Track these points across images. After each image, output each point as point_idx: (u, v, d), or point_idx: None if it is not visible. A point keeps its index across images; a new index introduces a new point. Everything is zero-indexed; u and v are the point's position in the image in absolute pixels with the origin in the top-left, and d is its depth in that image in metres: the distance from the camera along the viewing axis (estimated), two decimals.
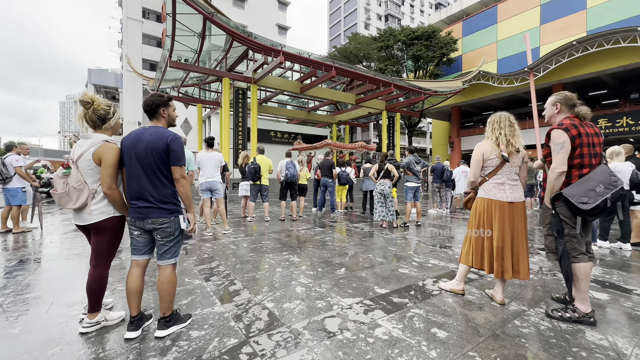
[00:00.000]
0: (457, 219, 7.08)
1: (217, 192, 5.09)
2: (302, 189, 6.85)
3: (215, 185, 5.02)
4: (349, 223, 6.28)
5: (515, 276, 2.29)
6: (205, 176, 4.97)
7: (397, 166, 7.31)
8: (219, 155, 5.07)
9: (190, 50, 11.97)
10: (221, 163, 5.10)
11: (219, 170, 5.08)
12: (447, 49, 23.44)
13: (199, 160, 5.01)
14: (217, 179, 5.03)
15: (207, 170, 4.97)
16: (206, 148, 5.11)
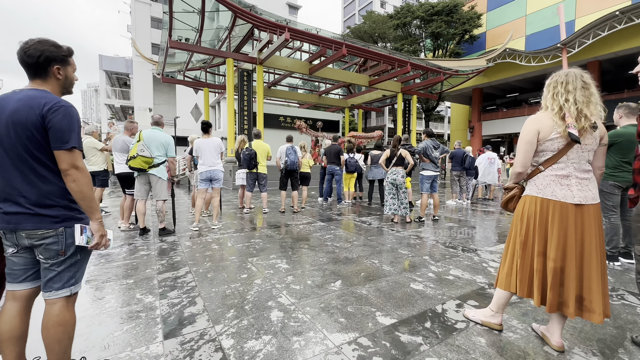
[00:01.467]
0: (479, 212, 6.24)
1: (217, 182, 4.52)
2: (305, 177, 6.17)
3: (216, 174, 4.47)
4: (355, 216, 5.58)
5: (585, 315, 1.55)
6: (206, 165, 4.42)
7: (411, 152, 6.50)
8: (217, 140, 4.48)
9: (191, 29, 11.27)
10: (221, 149, 4.51)
11: (219, 156, 4.49)
12: (469, 25, 21.64)
13: (197, 148, 4.44)
14: (218, 167, 4.47)
15: (207, 157, 4.40)
16: (203, 134, 4.51)
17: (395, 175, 4.92)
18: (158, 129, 4.02)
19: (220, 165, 4.50)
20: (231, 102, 12.02)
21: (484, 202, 7.80)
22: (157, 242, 3.69)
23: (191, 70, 16.55)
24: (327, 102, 20.91)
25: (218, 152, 4.47)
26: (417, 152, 4.99)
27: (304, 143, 6.21)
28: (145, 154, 3.77)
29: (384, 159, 5.04)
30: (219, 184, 4.51)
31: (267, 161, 5.85)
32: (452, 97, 28.99)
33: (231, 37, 13.47)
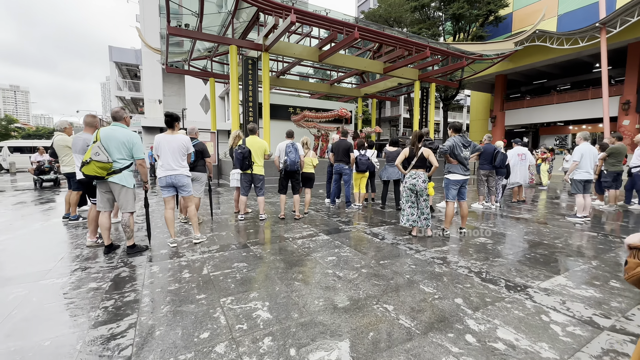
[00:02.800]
0: (513, 220, 5.28)
1: (183, 189, 3.75)
2: (308, 179, 5.37)
3: (180, 180, 3.67)
4: (366, 225, 4.76)
5: None
6: (164, 167, 3.63)
7: (434, 149, 5.57)
8: (182, 138, 3.67)
9: (191, 14, 10.49)
10: (187, 149, 3.72)
11: (184, 158, 3.72)
12: (495, 5, 19.87)
13: (156, 146, 3.67)
14: (181, 172, 3.68)
15: (166, 159, 3.61)
16: (167, 129, 3.73)
17: (415, 179, 4.05)
18: (119, 125, 3.29)
19: (185, 169, 3.72)
20: (235, 93, 11.27)
21: (517, 206, 6.79)
22: (119, 266, 3.01)
23: (197, 60, 15.88)
24: (339, 91, 19.85)
25: (182, 153, 3.65)
26: (442, 152, 4.07)
27: (306, 139, 5.39)
28: (101, 158, 3.06)
29: (402, 160, 4.16)
30: (187, 191, 3.75)
31: (264, 160, 5.08)
32: (473, 85, 27.24)
33: (235, 22, 12.64)
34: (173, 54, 14.70)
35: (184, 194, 3.75)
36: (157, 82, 25.87)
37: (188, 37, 10.38)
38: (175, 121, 3.69)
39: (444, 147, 4.05)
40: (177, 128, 3.73)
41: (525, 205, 6.90)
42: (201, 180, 4.65)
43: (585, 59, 21.93)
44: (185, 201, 3.81)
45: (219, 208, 6.15)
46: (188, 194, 3.77)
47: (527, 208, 6.49)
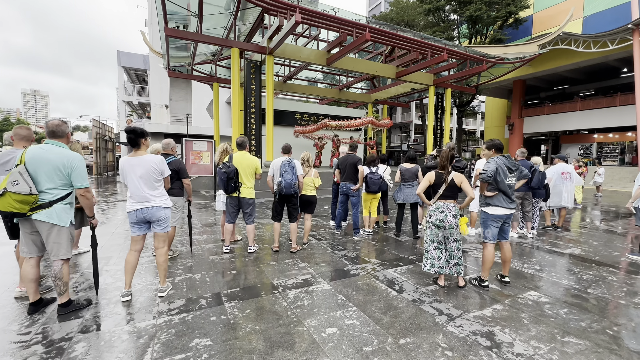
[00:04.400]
0: (561, 258, 4.25)
1: (159, 224, 2.87)
2: (308, 203, 4.48)
3: (155, 213, 2.81)
4: (378, 264, 3.83)
5: None
6: (133, 199, 2.79)
7: (462, 169, 4.62)
8: (152, 160, 2.82)
9: (190, 15, 9.84)
10: (161, 173, 2.88)
11: (159, 184, 2.89)
12: (515, 6, 18.77)
13: (121, 173, 2.83)
14: (157, 202, 2.82)
15: (135, 188, 2.77)
16: (131, 149, 2.89)
17: (445, 213, 3.10)
18: (55, 144, 2.47)
19: (162, 199, 2.88)
20: (236, 98, 10.53)
21: (557, 234, 5.73)
22: (32, 342, 2.16)
23: (201, 64, 15.31)
24: (349, 97, 19.00)
25: (155, 178, 2.82)
26: (482, 178, 3.10)
27: (307, 155, 4.51)
28: (21, 189, 2.24)
29: (425, 187, 3.22)
30: (162, 227, 2.90)
31: (255, 180, 4.22)
32: (489, 91, 26.03)
33: (239, 25, 11.97)
34: (176, 58, 14.14)
35: (159, 230, 2.89)
36: (164, 87, 25.59)
37: (186, 39, 9.72)
38: (140, 137, 2.85)
39: (485, 173, 3.08)
40: (145, 146, 2.89)
41: (564, 232, 5.83)
42: (176, 206, 3.81)
43: (612, 63, 20.52)
44: (157, 241, 2.93)
45: (203, 234, 5.32)
46: (164, 230, 2.91)
47: (570, 237, 5.42)
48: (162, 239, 2.92)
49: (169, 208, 2.94)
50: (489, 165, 3.12)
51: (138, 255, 2.87)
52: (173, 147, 3.83)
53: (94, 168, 17.55)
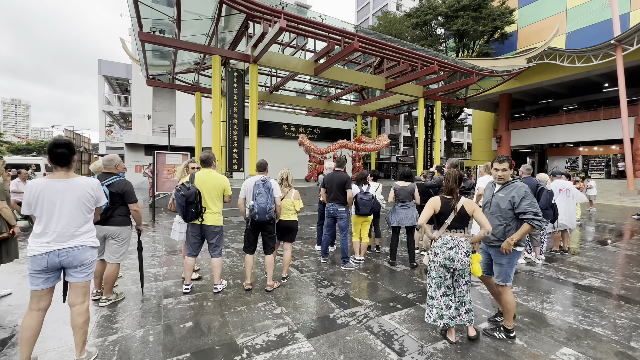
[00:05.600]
0: (581, 291, 3.66)
1: (82, 270, 2.10)
2: (287, 229, 3.77)
3: (78, 255, 2.06)
4: (371, 306, 3.13)
5: None
6: (50, 236, 2.01)
7: (467, 190, 4.05)
8: (89, 184, 2.09)
9: (168, 19, 9.22)
10: (96, 201, 2.15)
11: (89, 217, 2.14)
12: (500, 22, 19.02)
13: (29, 201, 2.01)
14: (84, 241, 2.09)
15: (56, 222, 2.02)
16: (53, 167, 2.13)
17: (454, 250, 2.46)
18: None
19: (90, 235, 2.13)
20: (217, 108, 9.85)
21: (566, 258, 5.19)
22: None
23: (184, 73, 14.64)
24: (337, 108, 18.61)
25: (89, 207, 2.12)
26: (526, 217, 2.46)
27: (286, 173, 3.83)
28: None
29: (429, 216, 2.58)
30: (86, 275, 2.13)
31: (224, 203, 3.52)
32: (477, 104, 26.21)
33: (223, 32, 11.43)
34: (157, 66, 13.45)
35: (80, 278, 2.11)
36: (147, 97, 24.69)
37: (162, 45, 9.05)
38: (73, 154, 2.12)
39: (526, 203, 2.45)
40: (73, 166, 2.15)
41: (573, 256, 5.29)
42: (119, 238, 3.05)
43: (594, 78, 20.95)
44: (76, 294, 2.13)
45: (165, 265, 4.52)
46: (86, 279, 2.14)
47: (581, 263, 4.88)
48: (82, 291, 2.15)
49: (96, 247, 2.19)
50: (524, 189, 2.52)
51: (43, 316, 2.09)
52: (118, 164, 3.09)
53: None
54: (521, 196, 2.48)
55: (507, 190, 2.59)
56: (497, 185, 2.73)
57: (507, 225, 2.55)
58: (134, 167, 20.38)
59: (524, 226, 2.46)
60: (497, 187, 2.71)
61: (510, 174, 2.64)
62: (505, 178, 2.63)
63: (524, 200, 2.46)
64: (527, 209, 2.45)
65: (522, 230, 2.46)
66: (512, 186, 2.58)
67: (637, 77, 18.49)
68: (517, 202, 2.48)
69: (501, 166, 2.61)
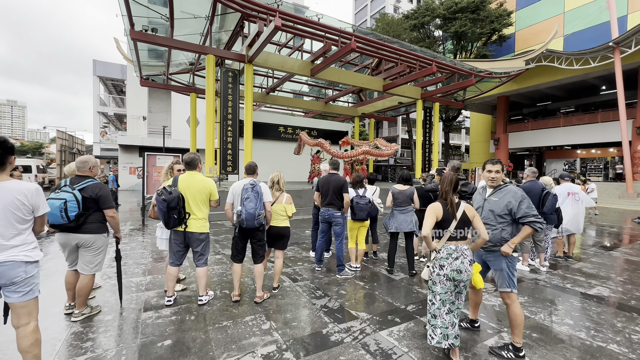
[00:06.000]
0: (590, 302, 3.45)
1: (16, 289, 1.82)
2: (278, 236, 3.54)
3: (5, 272, 1.78)
4: (367, 320, 2.90)
5: None
6: None
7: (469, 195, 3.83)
8: (19, 188, 1.82)
9: (160, 17, 9.00)
10: (31, 209, 1.86)
11: (23, 228, 1.85)
12: (498, 24, 18.97)
13: None
14: (14, 255, 1.80)
15: None
16: None
17: (460, 260, 2.24)
18: None
19: (23, 249, 1.84)
20: (211, 109, 9.62)
21: (571, 265, 4.98)
22: None
23: (179, 74, 14.41)
24: (335, 110, 18.44)
25: (20, 216, 1.82)
26: (527, 220, 2.34)
27: (277, 176, 3.60)
28: None
29: (432, 225, 2.35)
30: (23, 294, 1.84)
31: (210, 208, 3.29)
32: (474, 106, 26.14)
33: (219, 31, 11.24)
34: (151, 67, 13.21)
35: (15, 298, 1.84)
36: (142, 98, 24.37)
37: (155, 44, 8.82)
38: (9, 154, 1.87)
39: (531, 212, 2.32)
40: (9, 167, 1.90)
41: (578, 262, 5.09)
42: (94, 247, 2.80)
43: (592, 81, 20.93)
44: (17, 316, 1.85)
45: (149, 274, 4.27)
46: (23, 299, 1.87)
47: (587, 271, 4.67)
48: (24, 312, 1.86)
49: (35, 263, 1.92)
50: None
51: None
52: (93, 166, 2.84)
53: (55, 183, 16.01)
54: (519, 200, 2.40)
55: (500, 194, 2.50)
56: (488, 190, 2.63)
57: (502, 229, 2.46)
58: (128, 169, 20.05)
59: (525, 229, 2.39)
60: (489, 192, 2.60)
61: (502, 177, 2.56)
62: (497, 180, 2.54)
63: (523, 204, 2.38)
64: (527, 212, 2.36)
65: (524, 234, 2.40)
66: (505, 190, 2.49)
67: (635, 80, 18.46)
68: (515, 207, 2.39)
69: (494, 167, 2.53)
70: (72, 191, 2.61)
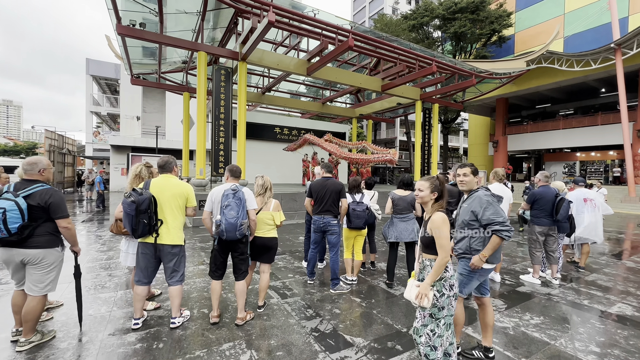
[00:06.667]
0: (617, 321, 3.08)
1: None
2: (264, 249, 3.13)
3: None
4: (365, 350, 2.50)
5: None
6: None
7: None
8: None
9: (149, 12, 8.60)
10: None
11: None
12: (498, 24, 18.73)
13: None
14: None
15: None
16: None
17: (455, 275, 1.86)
18: None
19: None
20: (202, 109, 9.20)
21: (584, 277, 4.62)
22: None
23: (172, 73, 14.01)
24: (332, 111, 18.07)
25: None
26: (493, 228, 2.17)
27: (267, 181, 3.20)
28: None
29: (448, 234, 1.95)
30: None
31: (188, 217, 2.89)
32: (473, 108, 25.89)
33: (212, 28, 10.86)
34: (142, 65, 12.80)
35: None
36: (136, 97, 23.92)
37: (143, 40, 8.40)
38: None
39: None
40: None
41: (590, 274, 4.73)
42: (43, 263, 2.39)
43: (591, 83, 20.74)
44: None
45: (119, 289, 3.85)
46: None
47: (603, 284, 4.30)
48: None
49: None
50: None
51: None
52: (43, 169, 2.43)
53: None
54: (484, 206, 2.25)
55: (470, 200, 2.39)
56: (464, 195, 2.51)
57: (471, 237, 2.34)
58: (119, 170, 19.57)
59: (493, 239, 2.21)
60: (464, 197, 2.50)
61: (475, 181, 2.43)
62: (467, 185, 2.42)
63: (487, 210, 2.23)
64: (492, 218, 2.21)
65: (492, 244, 2.21)
66: (474, 196, 2.37)
67: (636, 82, 18.27)
68: (480, 213, 2.26)
69: (462, 171, 2.43)
70: (14, 199, 2.20)
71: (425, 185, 2.03)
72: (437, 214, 1.96)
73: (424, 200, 2.05)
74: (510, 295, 3.76)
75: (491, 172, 4.31)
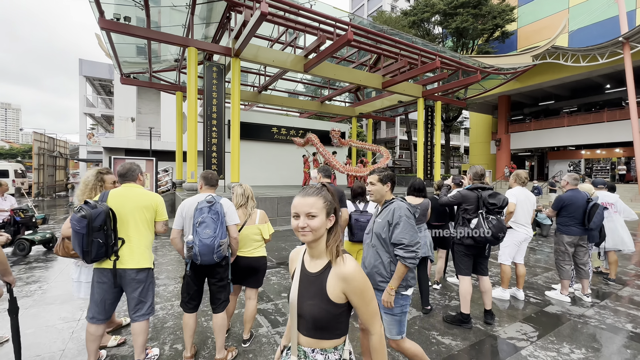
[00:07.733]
0: None
1: None
2: (250, 271, 2.60)
3: None
4: None
5: None
6: None
7: (501, 212, 2.98)
8: None
9: (134, 5, 8.06)
10: None
11: None
12: (501, 19, 18.20)
13: None
14: None
15: None
16: None
17: None
18: None
19: None
20: (193, 108, 8.68)
21: (617, 291, 4.09)
22: None
23: (164, 72, 13.48)
24: (331, 110, 17.55)
25: None
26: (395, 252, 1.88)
27: (247, 189, 2.67)
28: None
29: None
30: None
31: (157, 235, 2.36)
32: (475, 106, 25.38)
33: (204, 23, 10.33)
34: (132, 63, 12.28)
35: None
36: (131, 98, 23.42)
37: (128, 34, 7.88)
38: None
39: None
40: None
41: (623, 287, 4.21)
42: None
43: (596, 79, 20.23)
44: None
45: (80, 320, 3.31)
46: None
47: (636, 299, 3.79)
48: None
49: None
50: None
51: None
52: None
53: (33, 188, 14.99)
54: (395, 222, 1.88)
55: (384, 213, 1.97)
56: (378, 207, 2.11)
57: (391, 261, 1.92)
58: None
59: (398, 267, 1.85)
60: (377, 210, 2.09)
61: (385, 190, 2.01)
62: (375, 194, 2.01)
63: (397, 227, 1.86)
64: (399, 239, 1.84)
65: (397, 274, 1.85)
66: (389, 208, 1.96)
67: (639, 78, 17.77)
68: (388, 229, 1.91)
69: (371, 179, 2.03)
70: None
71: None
72: (349, 262, 1.09)
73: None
74: (539, 319, 3.24)
75: (512, 175, 3.79)
